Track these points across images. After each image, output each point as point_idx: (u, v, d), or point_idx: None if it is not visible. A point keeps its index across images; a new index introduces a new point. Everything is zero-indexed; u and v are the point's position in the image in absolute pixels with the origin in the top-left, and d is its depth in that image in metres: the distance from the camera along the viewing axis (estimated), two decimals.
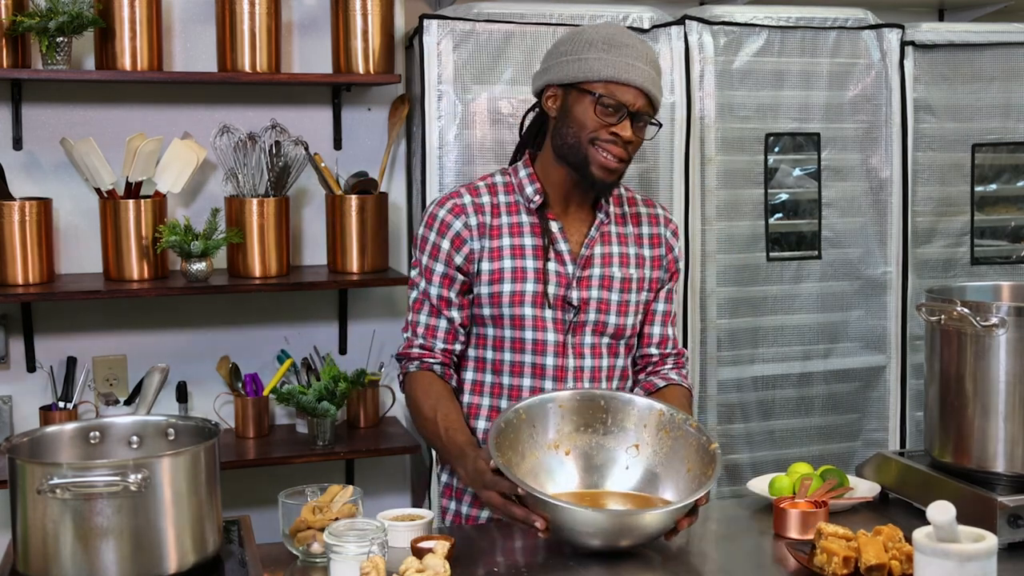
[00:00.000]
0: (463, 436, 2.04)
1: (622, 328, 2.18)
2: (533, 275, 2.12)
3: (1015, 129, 3.57)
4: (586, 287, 2.15)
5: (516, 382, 2.15)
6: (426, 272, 2.17)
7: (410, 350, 2.19)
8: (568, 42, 2.12)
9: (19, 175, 3.08)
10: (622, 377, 2.22)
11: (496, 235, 2.14)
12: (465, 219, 2.14)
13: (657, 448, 1.96)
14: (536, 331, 2.13)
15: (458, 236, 2.14)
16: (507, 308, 2.12)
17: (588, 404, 2.00)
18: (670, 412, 1.97)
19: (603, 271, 2.16)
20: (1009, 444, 1.95)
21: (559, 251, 2.14)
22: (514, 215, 2.16)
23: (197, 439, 1.82)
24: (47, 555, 1.62)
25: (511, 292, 2.12)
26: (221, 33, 3.06)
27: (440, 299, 2.16)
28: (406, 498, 3.45)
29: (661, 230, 2.26)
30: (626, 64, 2.05)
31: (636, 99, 2.05)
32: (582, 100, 2.07)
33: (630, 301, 2.18)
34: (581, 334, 2.15)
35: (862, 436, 3.51)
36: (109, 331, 3.19)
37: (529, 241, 2.14)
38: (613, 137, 2.05)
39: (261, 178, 3.12)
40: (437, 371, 2.16)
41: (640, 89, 2.05)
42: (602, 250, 2.18)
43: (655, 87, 2.08)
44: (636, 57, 2.06)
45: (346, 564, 1.66)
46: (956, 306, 1.98)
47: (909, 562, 1.71)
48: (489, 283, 2.13)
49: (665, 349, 2.27)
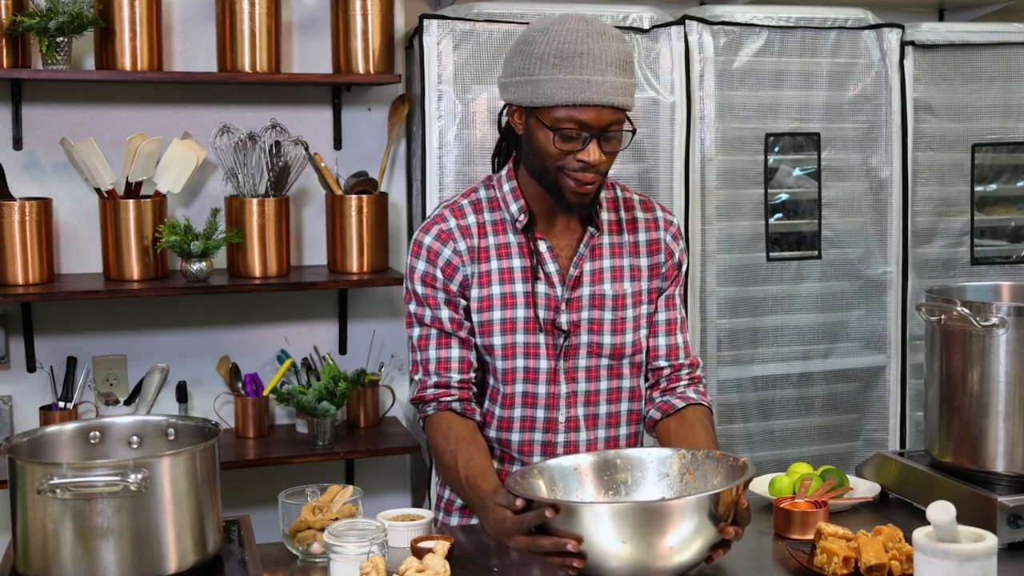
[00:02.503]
0: (487, 484, 1.86)
1: (620, 347, 2.06)
2: (523, 299, 2.01)
3: (1015, 129, 3.57)
4: (576, 308, 2.03)
5: (507, 413, 2.06)
6: (428, 300, 2.04)
7: (424, 392, 2.05)
8: (521, 56, 1.92)
9: (19, 175, 3.08)
10: (632, 399, 2.11)
11: (484, 258, 2.03)
12: (454, 244, 2.02)
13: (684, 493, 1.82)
14: (528, 359, 2.02)
15: (449, 264, 2.02)
16: (498, 337, 2.02)
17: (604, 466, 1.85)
18: (690, 453, 1.84)
19: (593, 289, 2.04)
20: (1009, 444, 1.95)
21: (547, 272, 2.02)
22: (500, 235, 2.04)
23: (197, 439, 1.82)
24: (47, 555, 1.62)
25: (501, 320, 2.02)
26: (221, 33, 3.06)
27: (452, 321, 2.03)
28: (406, 498, 3.45)
29: (660, 235, 2.12)
30: (582, 82, 1.85)
31: (600, 117, 1.87)
32: (541, 128, 1.90)
33: (626, 318, 2.06)
34: (575, 357, 2.04)
35: (862, 436, 3.51)
36: (109, 331, 3.19)
37: (518, 263, 2.03)
38: (581, 164, 1.89)
39: (261, 178, 3.12)
40: (457, 409, 2.02)
41: (603, 106, 1.86)
42: (592, 266, 2.05)
43: (621, 94, 1.88)
44: (594, 68, 1.86)
45: (346, 564, 1.66)
46: (956, 306, 1.98)
47: (909, 562, 1.71)
48: (479, 311, 2.03)
49: (676, 360, 2.13)
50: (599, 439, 2.09)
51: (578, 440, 2.08)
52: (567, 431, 2.07)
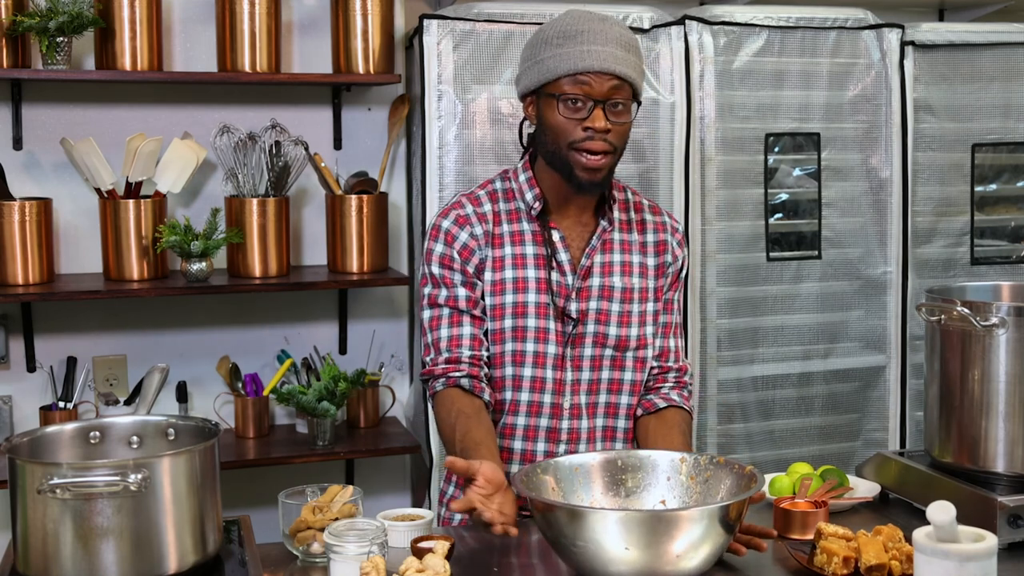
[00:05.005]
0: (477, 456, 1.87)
1: (624, 339, 2.10)
2: (535, 285, 2.06)
3: (1015, 129, 3.57)
4: (585, 298, 2.08)
5: (514, 396, 2.09)
6: (445, 280, 2.08)
7: (434, 368, 2.08)
8: (530, 46, 2.04)
9: (19, 175, 3.08)
10: (632, 393, 2.13)
11: (499, 244, 2.08)
12: (471, 228, 2.08)
13: (686, 499, 1.83)
14: (538, 343, 2.06)
15: (465, 247, 2.07)
16: (509, 320, 2.06)
17: (607, 466, 1.86)
18: (692, 457, 1.84)
19: (603, 280, 2.09)
20: (1009, 444, 1.95)
21: (560, 261, 2.08)
22: (515, 223, 2.09)
23: (197, 439, 1.82)
24: (47, 555, 1.62)
25: (514, 303, 2.06)
26: (221, 33, 3.06)
27: (468, 300, 2.07)
28: (406, 498, 3.45)
29: (667, 237, 2.17)
30: (582, 52, 1.95)
31: (601, 84, 1.95)
32: (550, 104, 1.99)
33: (632, 312, 2.11)
34: (581, 346, 2.09)
35: (862, 436, 3.51)
36: (109, 331, 3.19)
37: (531, 250, 2.08)
38: (588, 133, 1.96)
39: (261, 178, 3.12)
40: (464, 385, 2.04)
41: (603, 72, 1.94)
42: (603, 259, 2.10)
43: (622, 65, 1.96)
44: (594, 41, 1.95)
45: (346, 564, 1.66)
46: (956, 306, 1.98)
47: (909, 562, 1.71)
48: (491, 294, 2.07)
49: (665, 362, 2.17)
50: (597, 427, 2.13)
51: (580, 428, 2.11)
52: (571, 418, 2.11)
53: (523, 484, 1.72)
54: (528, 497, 1.67)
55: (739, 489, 1.75)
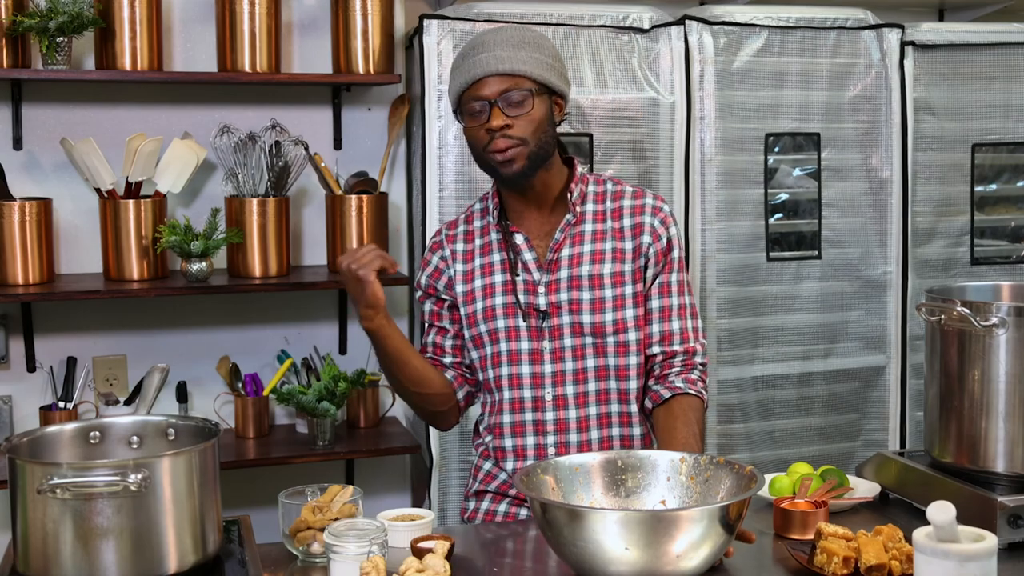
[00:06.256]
0: None
1: (600, 326, 2.11)
2: (501, 288, 2.15)
3: (1015, 129, 3.57)
4: (554, 291, 2.13)
5: (498, 396, 2.17)
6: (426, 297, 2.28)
7: None
8: None
9: (19, 175, 3.08)
10: (619, 378, 2.14)
11: (470, 258, 2.20)
12: (441, 252, 2.24)
13: (686, 499, 1.82)
14: (510, 341, 2.14)
15: (436, 269, 2.24)
16: (483, 325, 2.16)
17: (607, 466, 1.85)
18: (692, 458, 1.83)
19: (571, 272, 2.13)
20: (1009, 444, 1.95)
21: (524, 261, 2.15)
22: (486, 236, 2.20)
23: (197, 439, 1.82)
24: (47, 555, 1.62)
25: (483, 308, 2.16)
26: (221, 33, 3.06)
27: (437, 315, 2.26)
28: (406, 498, 3.45)
29: (645, 219, 2.15)
30: (471, 64, 2.05)
31: (491, 86, 2.04)
32: (463, 120, 2.11)
33: (605, 297, 2.12)
34: (560, 338, 2.12)
35: (862, 436, 3.51)
36: (109, 331, 3.19)
37: (497, 257, 2.17)
38: (489, 135, 2.05)
39: (261, 178, 3.12)
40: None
41: (489, 75, 2.03)
42: (571, 252, 2.14)
43: (508, 62, 2.03)
44: (481, 50, 2.05)
45: (346, 564, 1.66)
46: (956, 306, 1.98)
47: (909, 562, 1.71)
48: (464, 304, 2.19)
49: (669, 346, 2.15)
50: (590, 416, 2.14)
51: (567, 418, 2.14)
52: (555, 409, 2.14)
53: (523, 484, 1.72)
54: (528, 497, 1.67)
55: (739, 489, 1.75)
